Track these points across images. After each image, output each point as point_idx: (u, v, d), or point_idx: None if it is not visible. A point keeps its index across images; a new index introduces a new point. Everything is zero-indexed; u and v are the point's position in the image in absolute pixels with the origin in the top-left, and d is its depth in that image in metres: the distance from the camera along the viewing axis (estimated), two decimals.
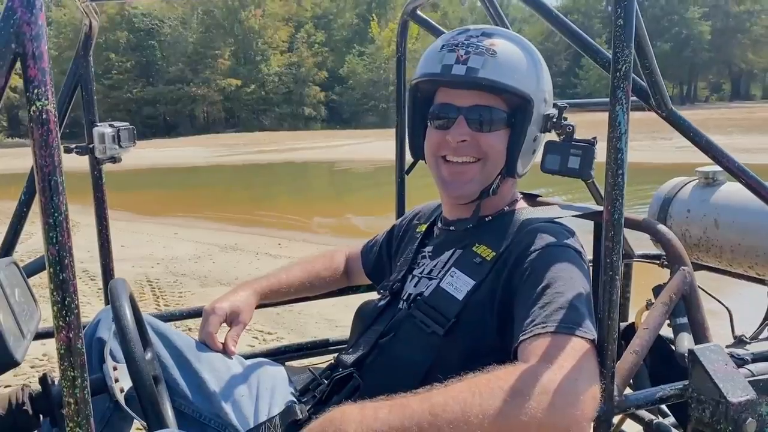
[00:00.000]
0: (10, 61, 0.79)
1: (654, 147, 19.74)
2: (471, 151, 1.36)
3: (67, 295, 0.81)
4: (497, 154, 1.35)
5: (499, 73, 1.30)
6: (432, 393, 1.04)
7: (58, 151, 0.79)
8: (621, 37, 1.03)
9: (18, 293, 1.29)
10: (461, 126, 1.35)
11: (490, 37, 1.34)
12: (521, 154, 1.35)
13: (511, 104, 1.33)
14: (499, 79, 1.30)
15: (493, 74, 1.30)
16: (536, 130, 1.36)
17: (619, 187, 1.07)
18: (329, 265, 1.88)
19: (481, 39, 1.34)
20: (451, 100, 1.36)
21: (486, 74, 1.30)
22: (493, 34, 1.36)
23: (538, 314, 1.14)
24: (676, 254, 1.36)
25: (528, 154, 1.38)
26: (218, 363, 1.55)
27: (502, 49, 1.32)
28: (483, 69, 1.30)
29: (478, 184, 1.38)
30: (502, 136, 1.35)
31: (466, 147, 1.35)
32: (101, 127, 1.60)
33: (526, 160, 1.38)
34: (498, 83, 1.30)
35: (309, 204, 13.82)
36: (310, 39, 55.21)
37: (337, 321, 5.06)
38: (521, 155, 1.36)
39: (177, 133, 46.76)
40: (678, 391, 1.21)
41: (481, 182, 1.38)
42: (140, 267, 7.52)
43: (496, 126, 1.34)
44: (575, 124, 1.38)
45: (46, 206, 0.79)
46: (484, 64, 1.30)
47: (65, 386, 0.83)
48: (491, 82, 1.30)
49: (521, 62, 1.32)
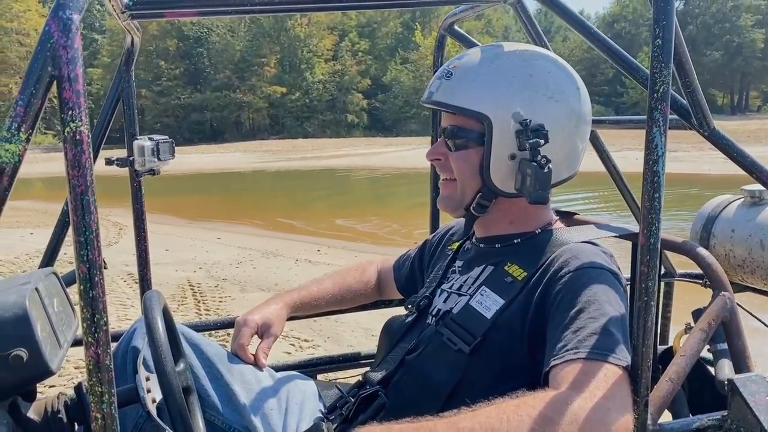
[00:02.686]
0: (46, 83, 0.81)
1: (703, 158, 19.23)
2: (446, 170, 1.40)
3: (96, 312, 0.83)
4: (466, 173, 1.35)
5: (449, 94, 1.32)
6: (459, 417, 1.02)
7: (90, 171, 0.81)
8: (659, 57, 1.01)
9: (56, 303, 1.31)
10: (438, 146, 1.40)
11: (461, 58, 1.36)
12: (495, 173, 1.31)
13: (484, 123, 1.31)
14: (447, 100, 1.32)
15: (443, 96, 1.33)
16: (510, 148, 1.29)
17: (655, 211, 1.04)
18: (360, 278, 1.88)
19: (453, 61, 1.36)
20: (442, 120, 1.42)
21: (438, 97, 1.34)
22: (465, 55, 1.37)
23: (571, 339, 1.11)
24: (717, 279, 1.31)
25: (507, 174, 1.31)
26: (249, 375, 1.56)
27: (460, 71, 1.33)
28: (437, 92, 1.34)
29: (455, 202, 1.40)
30: (471, 156, 1.33)
31: (441, 165, 1.40)
32: (141, 141, 1.64)
33: (503, 178, 1.31)
34: (446, 104, 1.33)
35: (349, 211, 13.89)
36: (354, 47, 55.71)
37: (372, 330, 5.06)
38: (496, 174, 1.31)
39: (223, 139, 47.68)
40: (716, 422, 1.17)
41: (458, 200, 1.39)
42: (183, 271, 7.67)
43: (464, 145, 1.34)
44: None
45: (78, 225, 0.81)
46: (439, 87, 1.34)
47: (93, 401, 0.85)
48: (439, 104, 1.34)
49: (477, 82, 1.30)
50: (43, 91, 0.81)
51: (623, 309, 1.18)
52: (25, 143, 0.82)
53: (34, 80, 0.80)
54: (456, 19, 1.84)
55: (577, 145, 1.36)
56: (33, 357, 1.10)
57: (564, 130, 1.31)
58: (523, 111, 1.27)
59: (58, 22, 0.79)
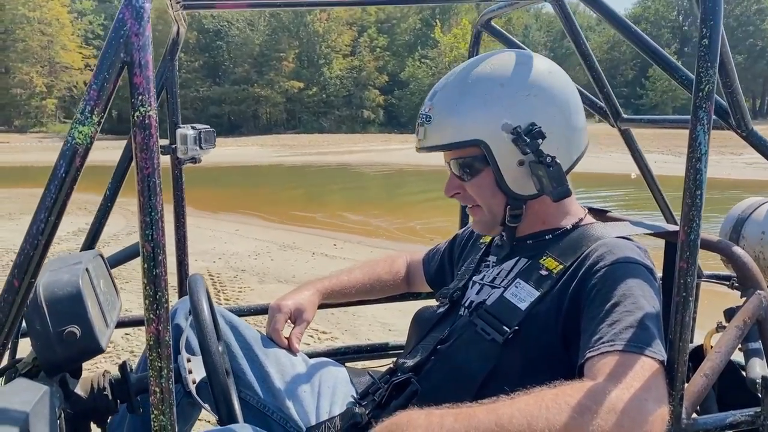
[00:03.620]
0: (118, 69, 0.85)
1: (723, 162, 19.06)
2: (467, 200, 1.44)
3: (158, 290, 0.86)
4: (486, 195, 1.39)
5: (436, 136, 1.36)
6: (498, 404, 1.04)
7: (157, 154, 0.84)
8: (705, 57, 1.02)
9: (103, 283, 1.36)
10: (451, 181, 1.44)
11: (432, 98, 1.40)
12: (512, 183, 1.34)
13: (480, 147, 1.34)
14: (437, 142, 1.37)
15: (432, 140, 1.37)
16: (515, 156, 1.32)
17: (696, 208, 1.06)
18: (390, 270, 1.90)
19: (426, 104, 1.40)
20: (444, 157, 1.45)
21: (427, 143, 1.39)
22: (436, 93, 1.41)
23: (607, 332, 1.13)
24: (752, 278, 1.32)
25: (523, 179, 1.34)
26: (283, 359, 1.60)
27: (435, 111, 1.37)
28: (425, 138, 1.39)
29: (487, 225, 1.45)
30: (484, 178, 1.37)
31: (462, 197, 1.44)
32: (184, 129, 1.68)
33: (523, 184, 1.35)
34: (438, 147, 1.37)
35: (365, 206, 13.92)
36: (373, 43, 55.63)
37: (390, 325, 5.09)
38: (514, 184, 1.34)
39: (240, 133, 47.88)
40: (750, 418, 1.18)
41: (490, 221, 1.44)
42: (203, 261, 7.74)
43: (474, 172, 1.38)
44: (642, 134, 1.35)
45: (144, 205, 0.84)
46: (425, 134, 1.38)
47: (152, 375, 0.88)
48: (432, 149, 1.38)
49: (456, 114, 1.33)
50: (116, 76, 0.85)
51: (657, 304, 1.20)
52: (96, 126, 0.86)
53: (107, 65, 0.84)
54: (494, 15, 1.85)
55: (575, 123, 1.38)
56: (85, 334, 1.14)
57: (555, 118, 1.33)
58: (510, 119, 1.30)
59: (131, 9, 0.83)
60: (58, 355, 1.13)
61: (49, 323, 1.12)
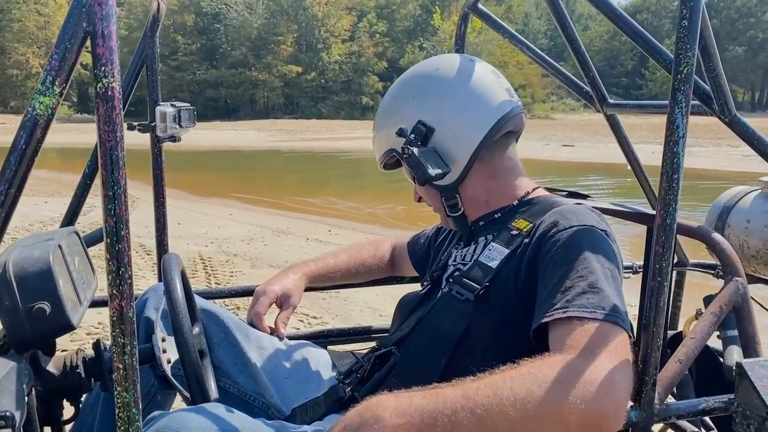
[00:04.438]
0: (80, 38, 0.83)
1: (719, 154, 19.06)
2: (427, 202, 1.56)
3: (121, 265, 0.84)
4: (425, 194, 1.53)
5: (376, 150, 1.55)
6: (465, 381, 1.04)
7: (120, 126, 0.82)
8: (685, 38, 1.01)
9: (77, 261, 1.34)
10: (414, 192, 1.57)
11: None
12: (420, 172, 1.38)
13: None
14: (377, 156, 1.54)
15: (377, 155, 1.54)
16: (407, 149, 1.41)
17: (673, 192, 1.05)
18: (375, 254, 1.90)
19: None
20: None
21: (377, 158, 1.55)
22: None
23: (561, 297, 1.11)
24: (731, 264, 1.32)
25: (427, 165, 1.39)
26: (264, 343, 1.59)
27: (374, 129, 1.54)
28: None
29: (442, 219, 1.58)
30: (411, 179, 1.50)
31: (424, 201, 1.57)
32: (163, 107, 1.66)
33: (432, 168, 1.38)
34: (379, 159, 1.54)
35: (361, 193, 13.89)
36: (372, 29, 55.31)
37: (381, 310, 5.09)
38: (421, 172, 1.38)
39: (237, 117, 47.74)
40: (723, 404, 1.18)
41: (441, 216, 1.56)
42: (195, 245, 7.73)
43: (408, 174, 1.50)
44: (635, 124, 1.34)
45: (107, 179, 0.82)
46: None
47: (116, 352, 0.87)
48: (379, 162, 1.56)
49: (375, 130, 1.53)
50: (78, 46, 0.83)
51: (614, 266, 1.18)
52: (58, 97, 0.84)
53: (69, 35, 0.82)
54: None
55: (468, 107, 1.40)
56: (55, 311, 1.12)
57: (441, 109, 1.41)
58: (404, 124, 1.42)
59: None
60: (27, 331, 1.11)
61: (18, 299, 1.10)
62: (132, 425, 0.88)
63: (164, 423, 1.05)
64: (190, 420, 1.06)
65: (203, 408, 1.15)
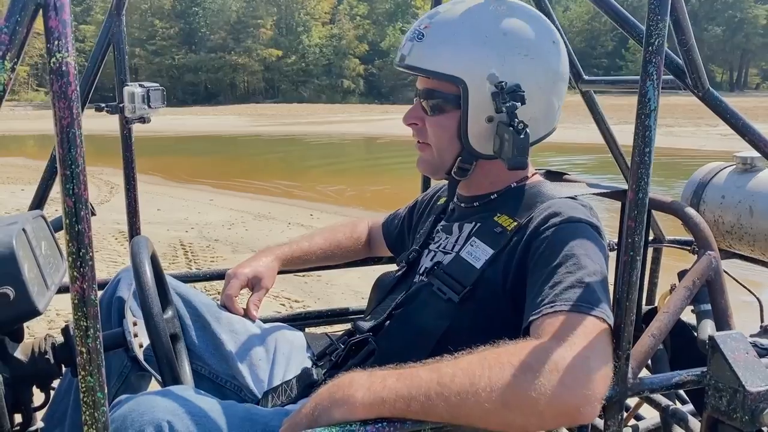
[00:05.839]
0: (32, 11, 0.79)
1: (698, 133, 19.22)
2: (421, 133, 1.38)
3: (82, 247, 0.82)
4: (443, 139, 1.34)
5: (422, 58, 1.29)
6: (441, 364, 1.03)
7: (76, 103, 0.79)
8: (656, 9, 0.99)
9: (44, 246, 1.31)
10: (415, 109, 1.37)
11: (432, 17, 1.32)
12: (473, 136, 1.30)
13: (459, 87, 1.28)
14: (420, 64, 1.29)
15: (415, 60, 1.29)
16: (487, 111, 1.27)
17: (645, 166, 1.04)
18: (351, 235, 1.88)
19: (423, 21, 1.32)
20: (417, 83, 1.38)
21: (411, 61, 1.30)
22: (436, 13, 1.33)
23: (549, 293, 1.11)
24: (703, 239, 1.32)
25: (486, 137, 1.30)
26: (237, 325, 1.57)
27: (431, 31, 1.29)
28: (409, 56, 1.30)
29: (433, 167, 1.40)
30: (448, 120, 1.31)
31: (418, 130, 1.38)
32: (131, 87, 1.62)
33: (485, 141, 1.30)
34: (419, 69, 1.30)
35: (343, 177, 13.86)
36: (352, 11, 54.93)
37: (363, 293, 5.08)
38: (474, 138, 1.30)
39: (217, 102, 47.26)
40: (695, 378, 1.18)
41: (437, 165, 1.39)
42: (175, 231, 7.66)
43: (441, 108, 1.32)
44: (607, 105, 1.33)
45: (64, 158, 0.79)
46: (411, 50, 1.30)
47: (78, 335, 0.85)
48: (412, 69, 1.30)
49: (450, 43, 1.26)
50: (29, 19, 0.79)
51: (602, 260, 1.18)
52: (10, 72, 0.80)
53: (19, 8, 0.78)
54: None
55: (554, 103, 1.35)
56: (20, 296, 1.10)
57: (541, 89, 1.29)
58: (499, 72, 1.24)
59: None
60: None
61: None
62: (97, 410, 0.86)
63: (130, 406, 1.03)
64: (156, 403, 1.04)
65: (171, 391, 1.13)
